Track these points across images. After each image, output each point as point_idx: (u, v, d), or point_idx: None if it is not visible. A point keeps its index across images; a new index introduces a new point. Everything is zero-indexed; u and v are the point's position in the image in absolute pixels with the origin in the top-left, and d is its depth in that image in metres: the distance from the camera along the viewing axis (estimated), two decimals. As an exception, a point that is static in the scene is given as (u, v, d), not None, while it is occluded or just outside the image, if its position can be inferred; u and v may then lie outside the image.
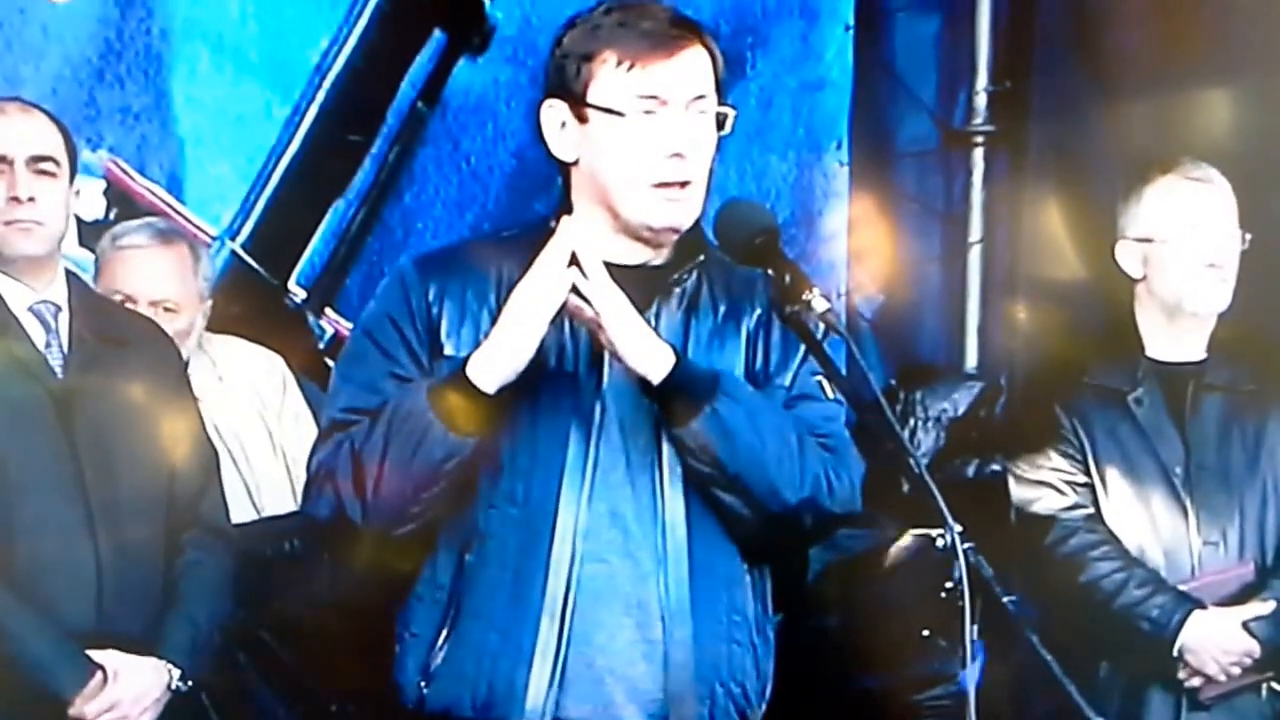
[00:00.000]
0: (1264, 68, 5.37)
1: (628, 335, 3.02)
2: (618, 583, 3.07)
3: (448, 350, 3.10)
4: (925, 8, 6.49)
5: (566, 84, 3.11)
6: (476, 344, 3.07)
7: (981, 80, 6.34)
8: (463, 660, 3.08)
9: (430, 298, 3.12)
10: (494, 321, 3.07)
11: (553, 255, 3.01)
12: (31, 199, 3.86)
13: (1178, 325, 4.45)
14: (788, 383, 3.18)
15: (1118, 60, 5.79)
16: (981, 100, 6.34)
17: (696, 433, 3.04)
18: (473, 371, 3.01)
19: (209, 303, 4.71)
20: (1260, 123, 5.37)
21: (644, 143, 3.07)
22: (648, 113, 3.07)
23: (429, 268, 3.16)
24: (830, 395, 3.19)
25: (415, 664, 3.12)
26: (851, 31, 6.30)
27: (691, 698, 3.09)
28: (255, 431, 4.75)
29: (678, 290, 3.15)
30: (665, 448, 3.09)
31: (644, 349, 3.03)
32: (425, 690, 3.11)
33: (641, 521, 3.08)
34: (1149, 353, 4.46)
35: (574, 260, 3.01)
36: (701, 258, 3.16)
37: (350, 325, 5.60)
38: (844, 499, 3.15)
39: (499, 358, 3.00)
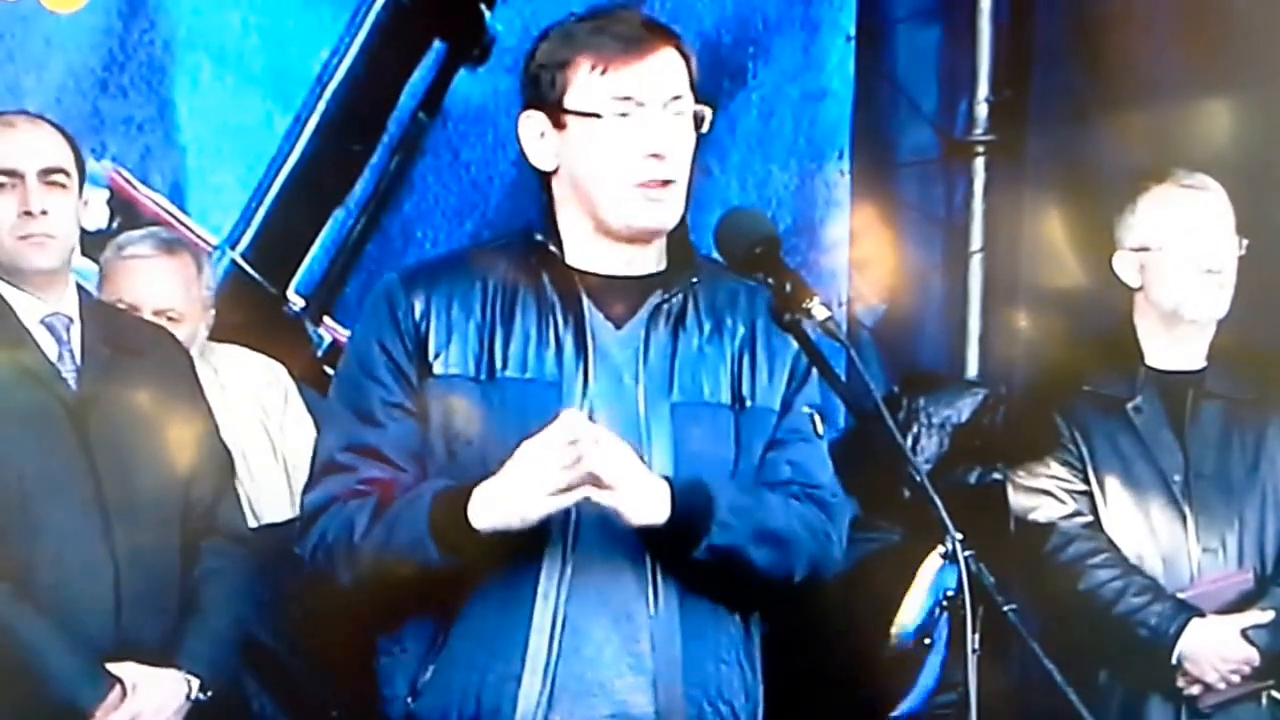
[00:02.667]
0: (1263, 76, 5.35)
1: (634, 499, 2.98)
2: (608, 596, 3.04)
3: (436, 369, 3.06)
4: (926, 18, 6.48)
5: (543, 93, 3.09)
6: (464, 360, 3.05)
7: (982, 90, 6.32)
8: (451, 675, 3.05)
9: (417, 315, 3.08)
10: (479, 336, 3.06)
11: (558, 446, 2.92)
12: (44, 212, 3.84)
13: (1176, 333, 4.43)
14: (775, 406, 3.17)
15: (1117, 70, 5.78)
16: (982, 110, 6.32)
17: (693, 564, 3.04)
18: (474, 513, 2.96)
19: (212, 311, 4.71)
20: (1260, 131, 5.35)
21: (622, 143, 3.05)
22: (624, 114, 3.05)
23: (414, 283, 3.12)
24: (820, 432, 3.20)
25: (404, 678, 3.09)
26: (853, 42, 6.30)
27: (681, 715, 3.06)
28: (257, 440, 4.74)
29: (666, 306, 3.12)
30: (650, 442, 3.06)
31: (647, 505, 2.99)
32: (412, 705, 3.07)
33: (630, 536, 3.04)
34: (1148, 361, 4.45)
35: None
36: (695, 279, 3.14)
37: (349, 334, 5.61)
38: (835, 558, 3.18)
39: (506, 518, 2.95)
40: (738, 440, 3.13)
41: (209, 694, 3.83)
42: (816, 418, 3.19)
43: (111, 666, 3.74)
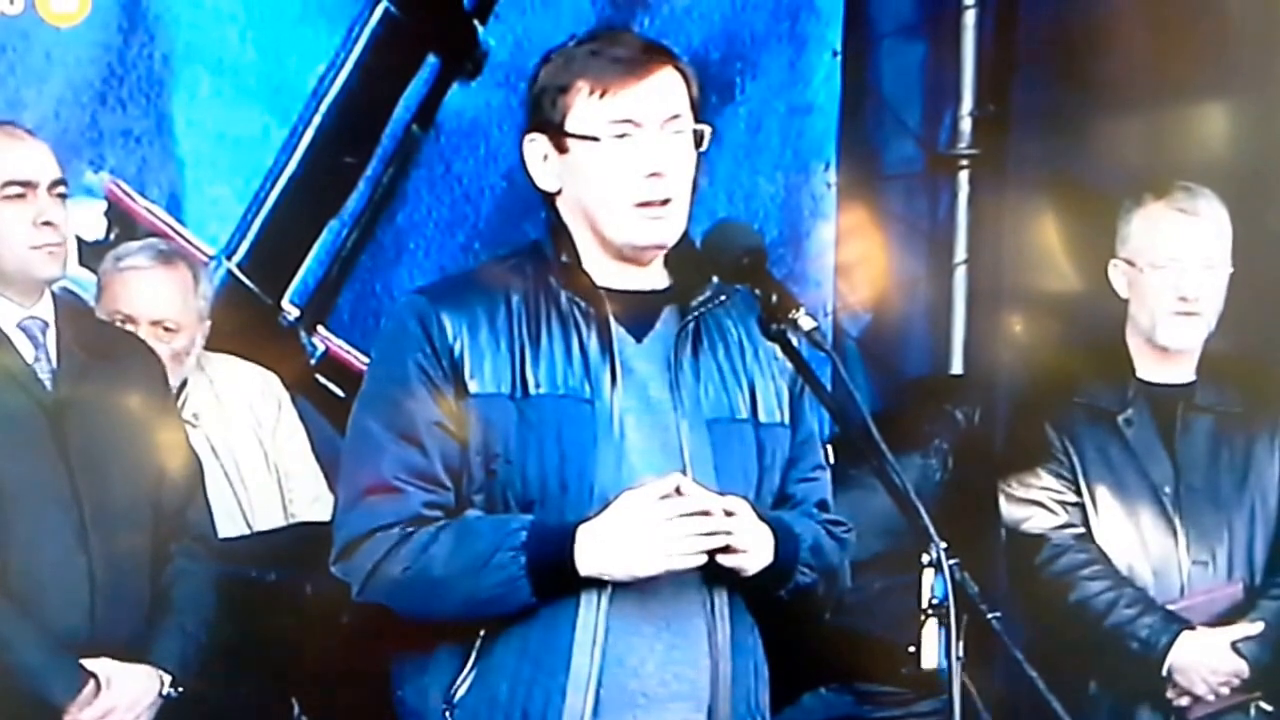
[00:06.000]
0: (1247, 87, 5.35)
1: (757, 558, 3.00)
2: (651, 607, 2.99)
3: (472, 388, 2.99)
4: (911, 34, 6.46)
5: (545, 116, 3.05)
6: (498, 379, 2.99)
7: (966, 104, 6.31)
8: (495, 686, 2.98)
9: (450, 335, 3.00)
10: (510, 354, 3.00)
11: (686, 512, 2.93)
12: (56, 223, 3.83)
13: (1159, 350, 4.39)
14: (787, 420, 3.14)
15: (1099, 84, 5.77)
16: (966, 124, 6.31)
17: (773, 598, 3.08)
18: (581, 559, 2.93)
19: (208, 322, 4.66)
20: (1244, 142, 5.35)
21: (621, 165, 3.01)
22: (622, 136, 3.01)
23: (442, 302, 3.04)
24: (831, 459, 3.24)
25: (437, 689, 3.02)
26: (839, 57, 6.26)
27: None
28: (250, 449, 4.69)
29: (691, 322, 3.08)
30: (689, 460, 3.03)
31: (762, 557, 3.01)
32: (450, 718, 3.01)
33: None
34: (1139, 373, 4.39)
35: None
36: (707, 293, 3.09)
37: (341, 343, 5.59)
38: (846, 591, 3.23)
39: (617, 570, 2.94)
40: (760, 458, 3.09)
41: (179, 690, 3.81)
42: (829, 447, 3.20)
43: (86, 662, 3.73)
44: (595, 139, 3.01)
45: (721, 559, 2.96)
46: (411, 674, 3.08)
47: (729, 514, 2.95)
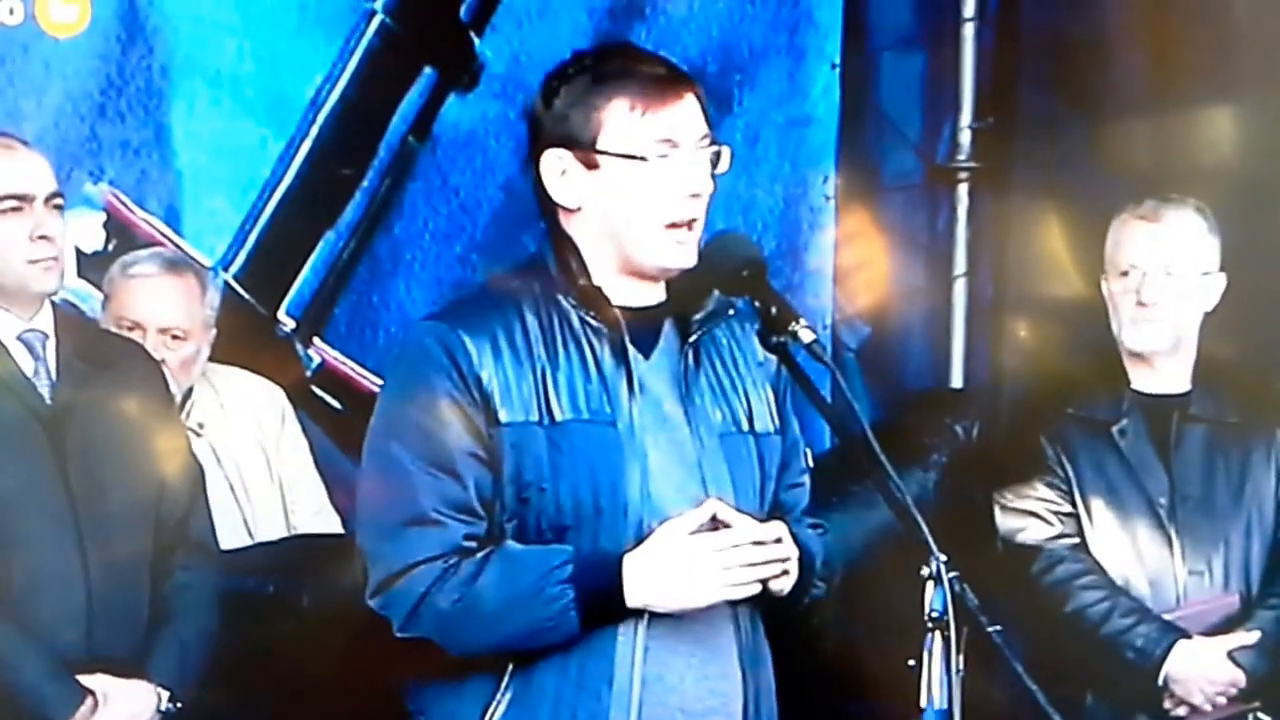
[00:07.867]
0: (1247, 97, 5.34)
1: (794, 578, 3.04)
2: (685, 623, 2.98)
3: (502, 417, 2.97)
4: (910, 46, 6.46)
5: (572, 133, 3.01)
6: (526, 406, 2.97)
7: (965, 117, 6.29)
8: (536, 708, 2.98)
9: (476, 363, 2.97)
10: (533, 379, 2.98)
11: (739, 543, 2.94)
12: (54, 236, 3.81)
13: (1146, 359, 4.37)
14: (775, 428, 3.14)
15: (1100, 96, 5.77)
16: (965, 136, 6.29)
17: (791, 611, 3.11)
18: (631, 591, 2.94)
19: (214, 331, 4.66)
20: (1243, 153, 5.34)
21: (663, 185, 3.00)
22: (664, 156, 3.00)
23: (465, 328, 3.00)
24: (810, 464, 3.26)
25: (470, 715, 3.00)
26: (837, 69, 6.26)
27: None
28: (254, 460, 4.69)
29: (690, 339, 3.08)
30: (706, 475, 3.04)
31: (795, 576, 3.04)
32: None
33: None
34: (1134, 384, 4.39)
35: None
36: (711, 307, 3.09)
37: (338, 355, 5.59)
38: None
39: (670, 602, 2.95)
40: (761, 468, 3.10)
41: (178, 705, 3.79)
42: (808, 451, 3.22)
43: (82, 678, 3.70)
44: (642, 159, 2.99)
45: (771, 582, 2.98)
46: (435, 699, 3.06)
47: (778, 540, 2.96)
